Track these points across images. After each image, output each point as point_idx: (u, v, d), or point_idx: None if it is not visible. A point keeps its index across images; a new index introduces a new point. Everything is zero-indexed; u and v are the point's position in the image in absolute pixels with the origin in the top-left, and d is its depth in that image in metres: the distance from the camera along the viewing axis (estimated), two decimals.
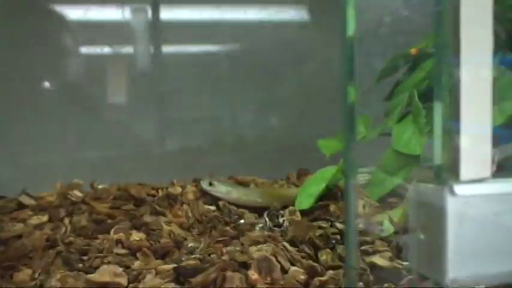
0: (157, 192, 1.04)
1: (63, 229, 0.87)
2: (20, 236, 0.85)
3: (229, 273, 0.61)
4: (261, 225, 0.80)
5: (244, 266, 0.65)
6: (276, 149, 1.49)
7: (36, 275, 0.71)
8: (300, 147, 1.47)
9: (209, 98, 1.50)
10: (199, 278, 0.60)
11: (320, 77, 1.46)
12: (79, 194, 0.99)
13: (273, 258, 0.63)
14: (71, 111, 1.34)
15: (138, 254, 0.78)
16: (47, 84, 1.33)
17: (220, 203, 1.02)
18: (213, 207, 1.01)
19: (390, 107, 1.11)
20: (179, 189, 1.05)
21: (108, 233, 0.85)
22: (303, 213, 0.90)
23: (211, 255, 0.69)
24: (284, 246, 0.69)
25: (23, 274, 0.71)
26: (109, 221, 0.90)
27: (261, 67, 1.49)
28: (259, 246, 0.71)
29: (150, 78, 1.43)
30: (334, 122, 1.52)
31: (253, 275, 0.61)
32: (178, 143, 1.48)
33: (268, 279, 0.61)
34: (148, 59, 1.43)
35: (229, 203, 1.02)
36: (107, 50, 1.38)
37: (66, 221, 0.92)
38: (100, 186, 1.06)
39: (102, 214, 0.92)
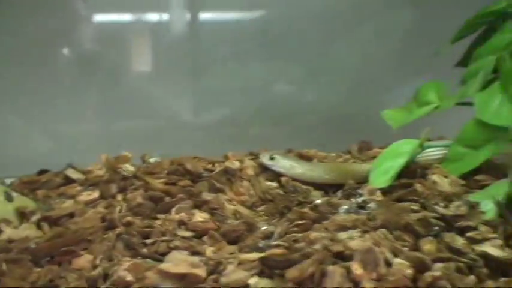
0: (214, 166, 0.95)
1: (118, 207, 0.79)
2: (71, 215, 0.77)
3: (330, 268, 0.52)
4: (345, 206, 0.71)
5: (341, 257, 0.56)
6: (327, 120, 1.39)
7: (98, 261, 0.63)
8: (356, 118, 1.37)
9: (253, 66, 1.41)
10: (293, 272, 0.51)
11: (380, 40, 1.35)
12: (131, 168, 0.91)
13: (377, 249, 0.54)
14: (107, 82, 1.27)
15: (205, 238, 0.70)
16: (83, 55, 1.25)
17: (283, 179, 0.93)
18: (275, 184, 0.93)
19: (468, 73, 1.00)
20: (237, 164, 0.96)
21: (168, 212, 0.77)
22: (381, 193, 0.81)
23: (297, 243, 0.60)
24: (384, 235, 0.59)
25: (83, 260, 0.63)
26: (167, 198, 0.82)
27: (310, 30, 1.39)
28: (349, 233, 0.62)
29: (188, 47, 1.34)
30: (394, 91, 1.43)
31: (356, 269, 0.52)
32: (220, 114, 1.39)
33: (374, 274, 0.52)
34: (187, 26, 1.33)
35: (292, 179, 0.93)
36: (142, 18, 1.30)
37: (119, 197, 0.84)
38: (151, 160, 0.98)
39: (158, 191, 0.84)
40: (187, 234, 0.71)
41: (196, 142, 1.31)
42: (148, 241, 0.68)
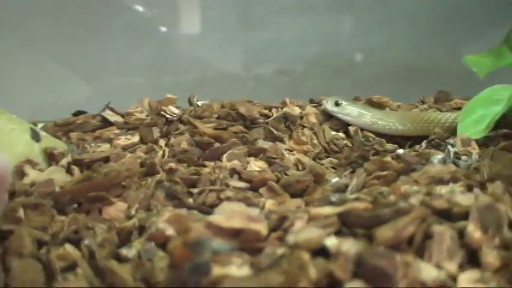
0: (271, 112, 0.83)
1: (160, 153, 0.68)
2: (106, 159, 0.66)
3: (436, 228, 0.38)
4: (439, 156, 0.57)
5: (446, 215, 0.42)
6: (396, 71, 1.24)
7: (133, 212, 0.51)
8: (429, 69, 1.22)
9: (311, 17, 1.27)
10: (386, 232, 0.38)
11: None
12: (176, 111, 0.79)
13: (500, 207, 0.40)
14: (157, 36, 1.16)
15: (262, 190, 0.58)
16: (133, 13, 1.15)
17: (351, 129, 0.79)
18: (341, 134, 0.79)
19: None
20: (297, 110, 0.83)
21: (219, 159, 0.65)
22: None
23: (383, 197, 0.47)
24: (501, 189, 0.45)
25: (115, 209, 0.52)
26: (216, 144, 0.70)
27: None
28: (449, 187, 0.48)
29: None
30: (476, 38, 1.26)
31: (474, 231, 0.38)
32: (274, 65, 1.26)
33: (496, 239, 0.38)
34: None
35: (361, 129, 0.80)
36: None
37: (162, 142, 0.73)
38: (199, 103, 0.86)
39: (206, 136, 0.72)
40: (241, 184, 0.59)
41: (248, 93, 1.19)
42: (195, 190, 0.56)
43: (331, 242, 0.39)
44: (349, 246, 0.37)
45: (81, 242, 0.45)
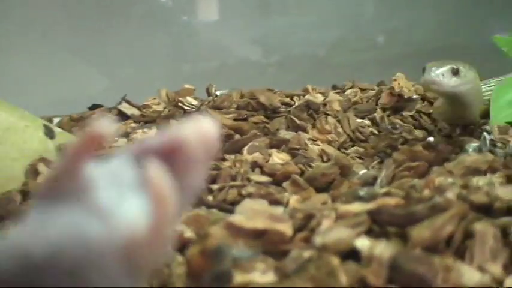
0: (292, 100, 0.79)
1: None
2: None
3: (477, 226, 0.35)
4: (474, 144, 0.53)
5: (486, 211, 0.39)
6: (422, 50, 1.19)
7: None
8: (455, 48, 1.17)
9: None
10: (422, 232, 0.35)
11: None
12: (194, 102, 0.77)
13: None
14: (169, 20, 1.14)
15: (285, 184, 0.55)
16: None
17: (377, 115, 0.76)
18: (367, 121, 0.76)
19: None
20: (320, 97, 0.79)
21: (239, 152, 0.62)
22: None
23: (416, 191, 0.43)
24: None
25: None
26: (237, 136, 0.67)
27: None
28: (487, 178, 0.45)
29: None
30: (494, 18, 1.21)
31: None
32: (294, 49, 1.23)
33: None
34: None
35: None
36: None
37: None
38: (218, 92, 0.83)
39: (226, 127, 0.69)
40: (263, 179, 0.56)
41: (269, 80, 1.16)
42: (215, 187, 0.53)
43: (362, 243, 0.36)
44: (383, 248, 0.34)
45: None
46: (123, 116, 0.78)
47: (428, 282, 0.31)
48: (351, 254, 0.36)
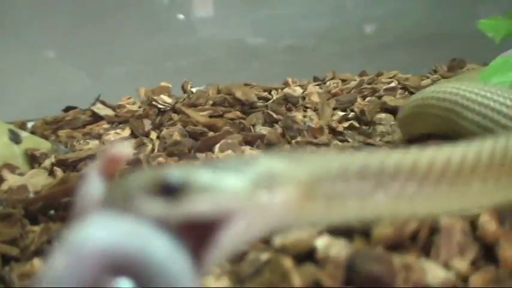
0: (270, 94, 0.77)
1: (150, 146, 0.63)
2: (93, 157, 0.62)
3: (444, 220, 0.33)
4: None
5: None
6: (407, 39, 1.16)
7: None
8: (440, 36, 1.14)
9: None
10: (385, 230, 0.33)
11: None
12: (168, 100, 0.74)
13: None
14: (145, 20, 1.11)
15: None
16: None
17: (357, 107, 0.73)
18: (349, 113, 0.73)
19: None
20: (299, 90, 0.77)
21: (211, 150, 0.60)
22: None
23: None
24: None
25: None
26: (210, 133, 0.65)
27: None
28: None
29: None
30: (482, 3, 1.18)
31: (488, 223, 0.32)
32: (281, 41, 1.20)
33: None
34: None
35: None
36: None
37: (154, 135, 0.68)
38: (194, 89, 0.81)
39: (200, 125, 0.67)
40: None
41: (252, 73, 1.14)
42: None
43: (322, 243, 0.34)
44: (340, 249, 0.32)
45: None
46: (97, 117, 0.76)
47: (385, 283, 0.29)
48: (312, 255, 0.34)
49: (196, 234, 0.24)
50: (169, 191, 0.23)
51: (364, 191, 0.26)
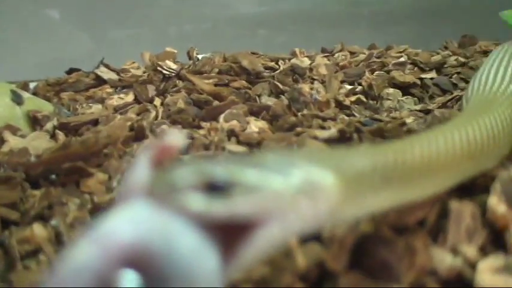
0: (277, 64, 0.76)
1: (153, 113, 0.62)
2: (95, 122, 0.61)
3: (454, 204, 0.32)
4: None
5: (467, 188, 0.36)
6: (414, 12, 1.14)
7: (114, 183, 0.46)
8: (449, 8, 1.12)
9: None
10: (390, 213, 0.32)
11: None
12: (173, 66, 0.73)
13: None
14: None
15: None
16: None
17: (364, 80, 0.72)
18: (357, 87, 0.72)
19: None
20: (306, 61, 0.76)
21: (216, 119, 0.59)
22: None
23: None
24: None
25: (95, 181, 0.46)
26: (215, 103, 0.64)
27: None
28: None
29: None
30: None
31: (497, 205, 0.32)
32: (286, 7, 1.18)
33: None
34: None
35: None
36: None
37: (157, 102, 0.67)
38: (200, 56, 0.79)
39: (205, 93, 0.66)
40: (239, 148, 0.53)
41: (260, 42, 1.12)
42: (186, 157, 0.50)
43: None
44: (346, 230, 0.31)
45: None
46: (100, 81, 0.75)
47: (391, 267, 0.28)
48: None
49: (231, 236, 0.24)
50: (214, 188, 0.23)
51: (396, 183, 0.28)
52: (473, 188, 0.35)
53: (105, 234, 0.22)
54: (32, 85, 0.78)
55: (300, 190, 0.24)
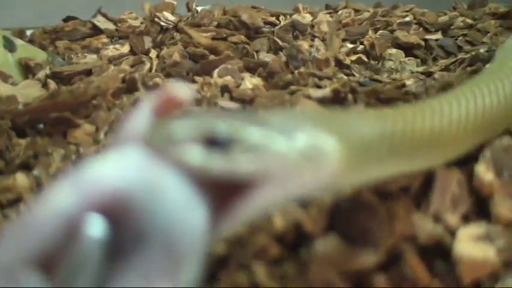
0: (278, 20, 0.74)
1: (148, 66, 0.61)
2: (88, 72, 0.60)
3: (440, 171, 0.31)
4: None
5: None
6: None
7: (101, 135, 0.46)
8: None
9: None
10: None
11: None
12: (171, 18, 0.71)
13: None
14: None
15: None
16: None
17: (366, 42, 0.70)
18: (359, 46, 0.70)
19: None
20: (308, 18, 0.74)
21: (210, 74, 0.58)
22: None
23: None
24: None
25: (81, 132, 0.46)
26: (211, 57, 0.62)
27: None
28: None
29: None
30: None
31: (484, 173, 0.31)
32: None
33: None
34: None
35: None
36: None
37: (153, 54, 0.66)
38: (199, 8, 0.77)
39: (202, 47, 0.64)
40: (232, 105, 0.52)
41: None
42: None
43: None
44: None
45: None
46: (97, 30, 0.73)
47: (370, 232, 0.28)
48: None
49: (224, 195, 0.22)
50: (215, 143, 0.22)
51: (402, 153, 0.27)
52: (464, 157, 0.34)
53: (86, 179, 0.21)
54: (28, 32, 0.77)
55: (303, 154, 0.23)
